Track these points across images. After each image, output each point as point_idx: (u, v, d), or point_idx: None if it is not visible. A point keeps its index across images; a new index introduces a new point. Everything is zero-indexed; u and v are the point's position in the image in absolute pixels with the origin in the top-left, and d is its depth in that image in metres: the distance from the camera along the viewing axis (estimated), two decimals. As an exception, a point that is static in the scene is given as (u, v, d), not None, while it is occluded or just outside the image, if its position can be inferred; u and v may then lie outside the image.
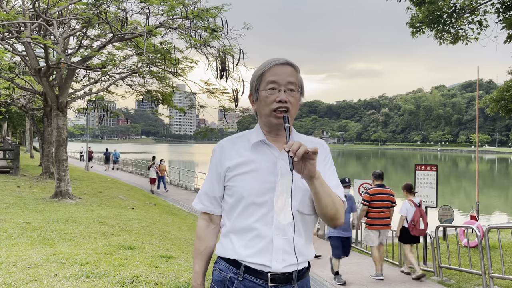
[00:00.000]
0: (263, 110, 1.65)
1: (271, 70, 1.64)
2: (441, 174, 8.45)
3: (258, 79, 1.66)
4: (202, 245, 1.76)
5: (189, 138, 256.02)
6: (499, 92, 10.90)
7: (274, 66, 1.64)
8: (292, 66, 1.65)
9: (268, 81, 1.63)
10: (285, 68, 1.64)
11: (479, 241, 6.33)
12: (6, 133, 41.26)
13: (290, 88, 1.62)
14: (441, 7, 10.28)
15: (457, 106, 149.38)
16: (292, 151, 1.42)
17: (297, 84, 1.65)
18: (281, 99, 1.59)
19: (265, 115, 1.64)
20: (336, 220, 1.60)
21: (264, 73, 1.65)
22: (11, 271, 3.80)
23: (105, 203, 10.49)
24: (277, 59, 1.66)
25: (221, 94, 12.62)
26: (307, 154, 1.44)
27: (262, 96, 1.64)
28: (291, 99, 1.61)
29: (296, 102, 1.64)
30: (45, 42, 8.75)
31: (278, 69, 1.63)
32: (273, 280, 1.57)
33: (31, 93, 16.66)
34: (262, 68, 1.66)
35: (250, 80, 1.73)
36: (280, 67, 1.64)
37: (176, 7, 9.12)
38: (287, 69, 1.64)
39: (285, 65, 1.64)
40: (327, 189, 1.55)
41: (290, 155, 1.43)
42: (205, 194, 1.75)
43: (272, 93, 1.61)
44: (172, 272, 4.24)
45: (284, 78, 1.62)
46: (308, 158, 1.45)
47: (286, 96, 1.60)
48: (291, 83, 1.62)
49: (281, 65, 1.64)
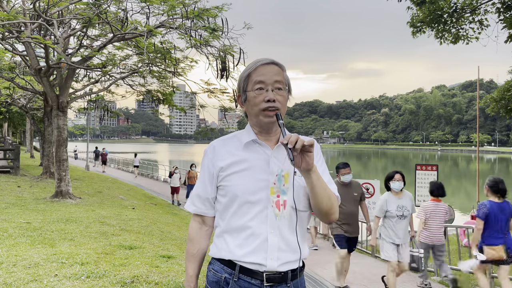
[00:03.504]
0: (252, 110, 1.65)
1: (257, 70, 1.65)
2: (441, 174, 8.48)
3: (245, 81, 1.67)
4: (195, 247, 1.75)
5: (190, 138, 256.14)
6: (500, 91, 10.90)
7: (260, 66, 1.65)
8: (277, 65, 1.66)
9: (255, 81, 1.63)
10: (271, 67, 1.65)
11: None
12: (7, 133, 41.29)
13: (277, 87, 1.63)
14: (441, 7, 10.29)
15: (457, 106, 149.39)
16: (291, 142, 1.44)
17: (284, 82, 1.66)
18: (270, 98, 1.60)
19: (254, 115, 1.65)
20: (330, 216, 1.61)
21: (250, 74, 1.66)
22: (12, 271, 3.80)
23: (105, 203, 10.49)
24: (262, 59, 1.68)
25: (222, 94, 12.62)
26: (304, 146, 1.46)
27: (250, 97, 1.65)
28: (279, 97, 1.62)
29: (284, 100, 1.65)
30: (45, 42, 8.75)
31: (264, 69, 1.64)
32: (269, 279, 1.58)
33: (31, 93, 16.67)
34: (248, 69, 1.67)
35: (237, 82, 1.74)
36: (266, 66, 1.65)
37: (177, 7, 9.12)
38: (273, 68, 1.65)
39: (271, 65, 1.66)
40: (323, 184, 1.56)
41: (289, 146, 1.44)
42: (197, 196, 1.75)
43: (260, 93, 1.62)
44: (172, 272, 4.24)
45: (271, 77, 1.62)
46: (305, 151, 1.47)
47: (274, 95, 1.61)
48: (278, 82, 1.63)
49: (266, 64, 1.65)
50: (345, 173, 5.79)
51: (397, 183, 5.41)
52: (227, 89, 12.56)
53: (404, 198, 5.45)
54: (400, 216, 5.36)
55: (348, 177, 5.81)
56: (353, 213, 5.84)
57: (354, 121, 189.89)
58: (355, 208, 5.92)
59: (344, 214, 5.70)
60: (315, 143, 1.72)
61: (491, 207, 4.97)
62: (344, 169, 5.81)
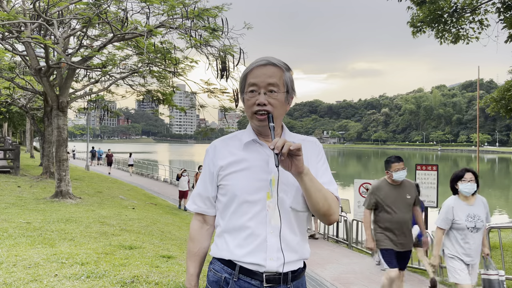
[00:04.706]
0: (247, 112, 1.66)
1: (252, 72, 1.63)
2: (441, 174, 8.48)
3: (243, 82, 1.67)
4: (196, 246, 1.75)
5: (190, 138, 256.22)
6: (500, 91, 10.89)
7: (255, 68, 1.62)
8: (275, 66, 1.62)
9: (249, 83, 1.62)
10: (266, 69, 1.61)
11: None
12: (7, 133, 41.29)
13: (270, 90, 1.59)
14: (441, 7, 10.28)
15: (457, 105, 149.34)
16: (277, 148, 1.42)
17: (280, 84, 1.61)
18: (260, 102, 1.58)
19: (249, 118, 1.66)
20: (329, 216, 1.60)
21: (247, 75, 1.64)
22: (12, 271, 3.80)
23: (105, 203, 10.49)
24: (259, 60, 1.64)
25: (222, 94, 12.62)
26: (291, 150, 1.44)
27: (245, 99, 1.65)
28: (272, 101, 1.59)
29: (278, 103, 1.61)
30: (45, 42, 8.75)
31: (258, 71, 1.61)
32: (268, 280, 1.57)
33: (31, 93, 16.67)
34: (245, 70, 1.66)
35: (239, 82, 1.74)
36: (261, 68, 1.61)
37: (177, 7, 9.12)
38: (268, 70, 1.61)
39: (267, 66, 1.61)
40: (317, 185, 1.55)
41: (275, 152, 1.43)
42: (198, 195, 1.75)
43: (252, 96, 1.61)
44: (172, 272, 4.23)
45: (263, 80, 1.59)
46: (293, 155, 1.46)
47: (265, 98, 1.58)
48: (272, 85, 1.59)
49: (262, 66, 1.62)
50: (398, 168, 4.56)
51: (468, 185, 4.13)
52: (227, 89, 12.55)
53: (477, 205, 4.19)
54: (471, 228, 4.12)
55: (402, 174, 4.58)
56: (405, 220, 4.60)
57: (354, 121, 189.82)
58: (408, 215, 4.66)
59: (394, 222, 4.57)
60: (315, 144, 1.72)
61: None
62: (397, 163, 4.58)
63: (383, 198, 4.63)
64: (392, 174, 4.59)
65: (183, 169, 15.61)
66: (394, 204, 4.59)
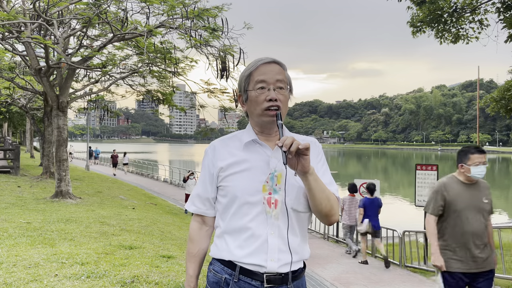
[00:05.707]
0: (254, 110, 1.64)
1: (258, 69, 1.64)
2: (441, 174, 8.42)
3: (246, 80, 1.66)
4: (195, 247, 1.75)
5: (190, 138, 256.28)
6: (500, 91, 10.89)
7: (262, 65, 1.64)
8: (278, 64, 1.65)
9: (256, 80, 1.62)
10: (272, 66, 1.64)
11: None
12: (7, 133, 41.29)
13: (279, 86, 1.62)
14: (441, 7, 10.28)
15: (457, 105, 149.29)
16: (286, 145, 1.43)
17: (286, 81, 1.65)
18: (272, 97, 1.59)
19: (256, 115, 1.64)
20: (331, 217, 1.60)
21: (252, 73, 1.65)
22: (12, 271, 3.80)
23: (105, 203, 10.49)
24: (263, 58, 1.66)
25: (222, 94, 12.62)
26: (299, 150, 1.45)
27: (252, 96, 1.64)
28: (280, 97, 1.61)
29: (285, 99, 1.64)
30: (45, 42, 8.75)
31: (265, 68, 1.63)
32: (269, 281, 1.57)
33: (31, 93, 16.67)
34: (249, 68, 1.66)
35: (238, 82, 1.73)
36: (268, 65, 1.64)
37: (177, 7, 9.12)
38: (275, 67, 1.64)
39: (272, 64, 1.65)
40: (321, 185, 1.55)
41: (283, 150, 1.43)
42: (197, 196, 1.75)
43: (261, 92, 1.61)
44: (172, 272, 4.23)
45: (272, 76, 1.62)
46: (301, 154, 1.46)
47: (276, 94, 1.60)
48: (280, 81, 1.62)
49: (268, 63, 1.64)
50: (479, 162, 3.32)
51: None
52: (227, 89, 12.55)
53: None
54: None
55: (482, 170, 3.33)
56: (480, 232, 3.34)
57: (354, 121, 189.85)
58: (483, 224, 3.37)
59: (464, 234, 3.34)
60: (315, 144, 1.72)
61: (365, 201, 7.98)
62: (478, 155, 3.34)
63: (453, 199, 3.36)
64: (470, 169, 3.32)
65: (191, 171, 14.93)
66: (467, 209, 3.35)
